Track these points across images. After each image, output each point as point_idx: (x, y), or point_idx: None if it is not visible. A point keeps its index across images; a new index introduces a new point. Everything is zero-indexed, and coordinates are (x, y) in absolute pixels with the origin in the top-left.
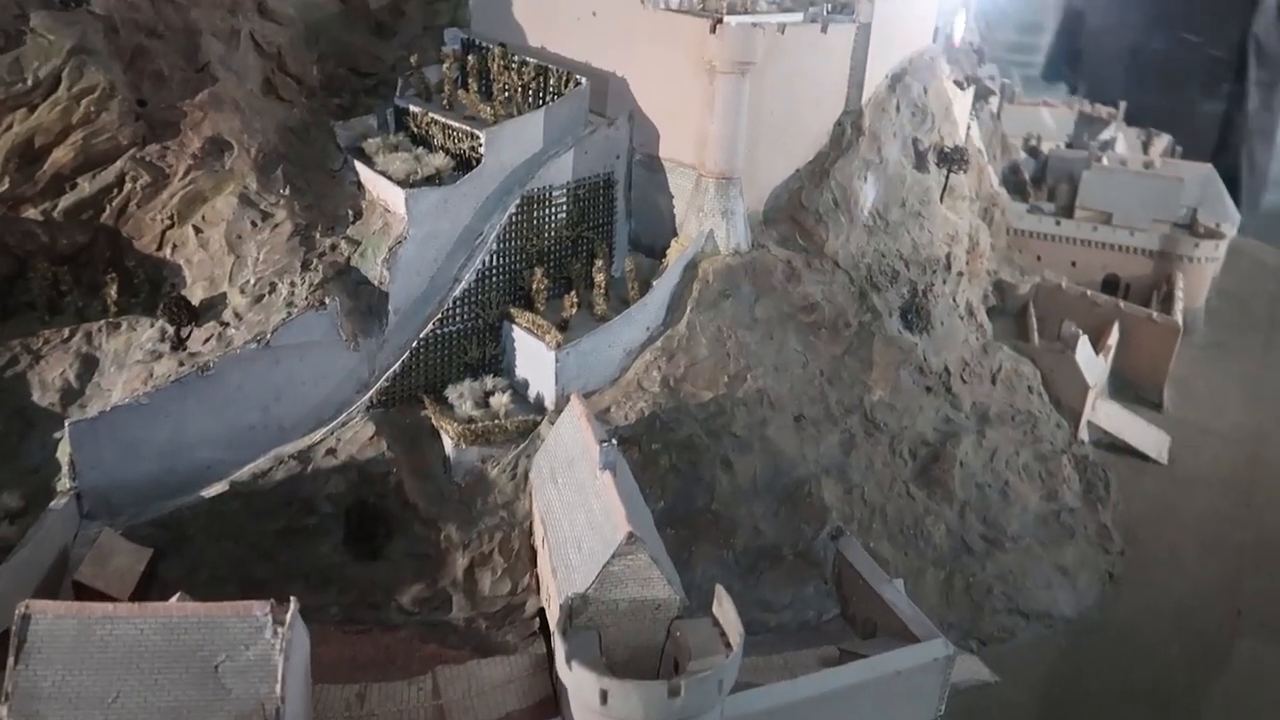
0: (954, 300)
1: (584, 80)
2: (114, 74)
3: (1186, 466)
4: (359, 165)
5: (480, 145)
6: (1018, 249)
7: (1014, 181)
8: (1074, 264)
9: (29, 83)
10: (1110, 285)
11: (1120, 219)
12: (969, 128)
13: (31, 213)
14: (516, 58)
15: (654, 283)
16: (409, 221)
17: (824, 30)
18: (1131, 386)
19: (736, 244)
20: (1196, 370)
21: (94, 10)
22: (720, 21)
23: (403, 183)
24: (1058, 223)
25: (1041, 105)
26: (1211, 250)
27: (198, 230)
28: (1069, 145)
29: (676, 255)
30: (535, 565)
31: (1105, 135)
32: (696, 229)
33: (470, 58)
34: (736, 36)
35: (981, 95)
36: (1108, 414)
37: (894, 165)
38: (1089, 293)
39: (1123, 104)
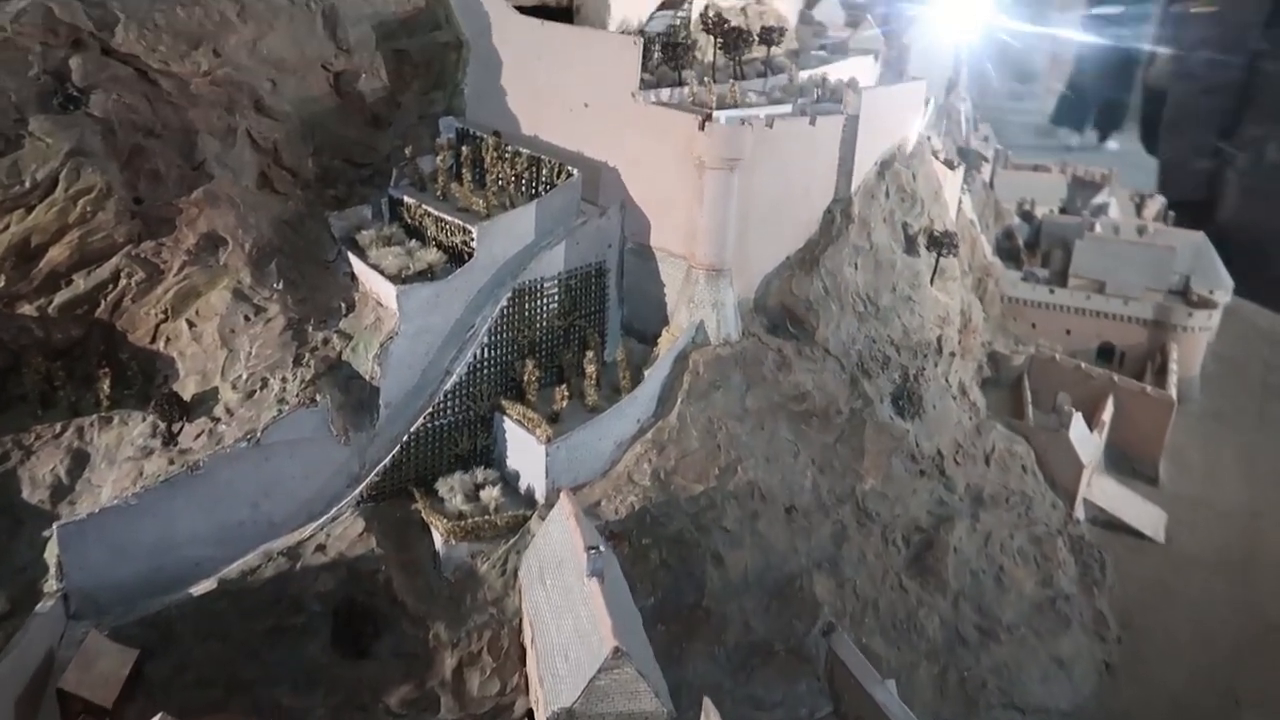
0: (946, 381)
1: (575, 171)
2: (111, 174)
3: (1183, 545)
4: (352, 257)
5: (472, 240)
6: (1012, 317)
7: (1008, 248)
8: (1069, 332)
9: (26, 185)
10: (1106, 353)
11: (1113, 288)
12: (960, 203)
13: (27, 309)
14: (510, 148)
15: (645, 372)
16: (401, 317)
17: (812, 123)
18: (1127, 460)
19: (727, 334)
20: (1193, 440)
21: (92, 113)
22: (709, 119)
23: (395, 278)
24: (1051, 291)
25: (1034, 170)
26: (1205, 320)
27: (191, 324)
28: (1063, 210)
29: (667, 346)
30: (524, 664)
31: (1098, 199)
32: (687, 320)
33: (464, 148)
34: (724, 134)
35: (973, 165)
36: (1103, 491)
37: (884, 250)
38: (1083, 365)
39: (1115, 170)
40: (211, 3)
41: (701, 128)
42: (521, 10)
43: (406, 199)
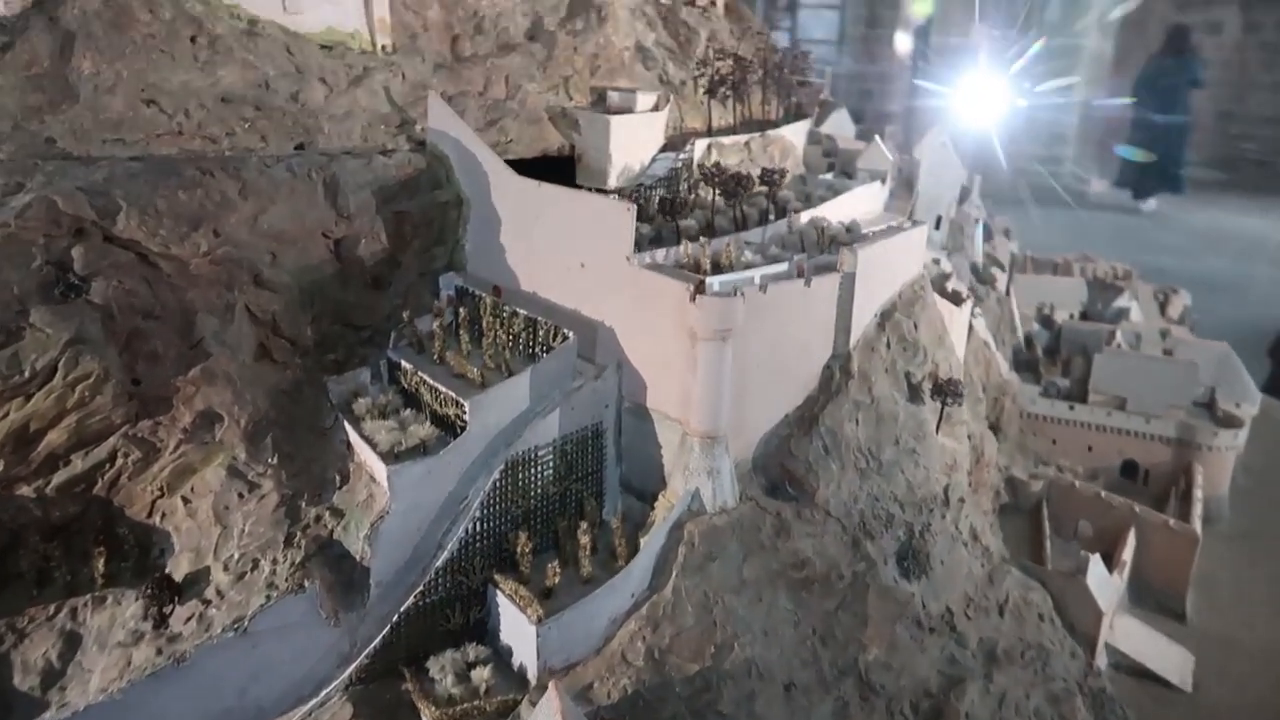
0: (956, 528)
1: (571, 335)
2: (109, 359)
3: (1211, 694)
4: (348, 426)
5: (465, 413)
6: (1032, 433)
7: (1026, 359)
8: (1090, 449)
9: (26, 374)
10: (1130, 470)
11: (1135, 405)
12: (971, 329)
13: (25, 490)
14: (507, 308)
15: (641, 540)
16: (391, 496)
17: (808, 284)
18: (1152, 594)
19: (723, 502)
20: (1223, 566)
21: (93, 300)
22: (700, 290)
23: (387, 454)
24: (1071, 408)
25: (1054, 271)
26: (1231, 439)
27: (186, 501)
28: (1083, 314)
29: (662, 515)
30: None
31: (1119, 303)
32: (682, 487)
33: (462, 310)
34: (716, 306)
35: (986, 282)
36: (1126, 634)
37: (886, 403)
38: (1103, 494)
39: (1134, 269)
40: (213, 183)
41: (692, 299)
42: (524, 162)
43: (404, 363)
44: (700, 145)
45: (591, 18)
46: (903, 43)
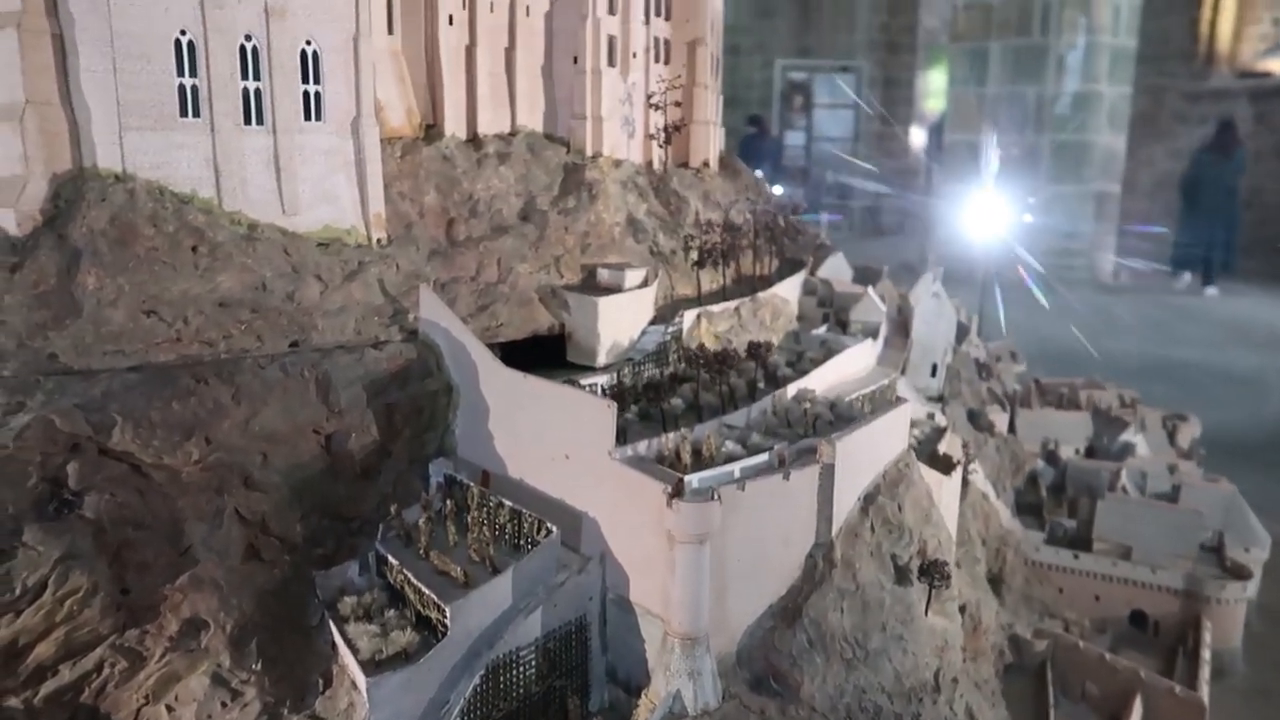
0: (951, 709)
1: (555, 530)
2: (99, 573)
3: None
4: (333, 626)
5: (446, 618)
6: (1038, 581)
7: (1030, 502)
8: (1098, 598)
9: (16, 592)
10: (1139, 619)
11: (1140, 554)
12: (968, 482)
13: (13, 701)
14: (493, 499)
15: None
16: (370, 708)
17: (786, 478)
18: None
19: (705, 703)
20: None
21: (85, 514)
22: (678, 491)
23: (368, 663)
24: (1076, 556)
25: (1059, 405)
26: (1240, 591)
27: (170, 709)
28: (1089, 449)
29: (644, 717)
30: None
31: (1125, 437)
32: (664, 688)
33: (449, 502)
34: (693, 512)
35: (984, 428)
36: None
37: (872, 589)
38: (1107, 656)
39: (1138, 399)
40: (206, 391)
41: (669, 504)
42: (514, 344)
43: (391, 558)
44: (689, 316)
45: (583, 195)
46: (917, 137)
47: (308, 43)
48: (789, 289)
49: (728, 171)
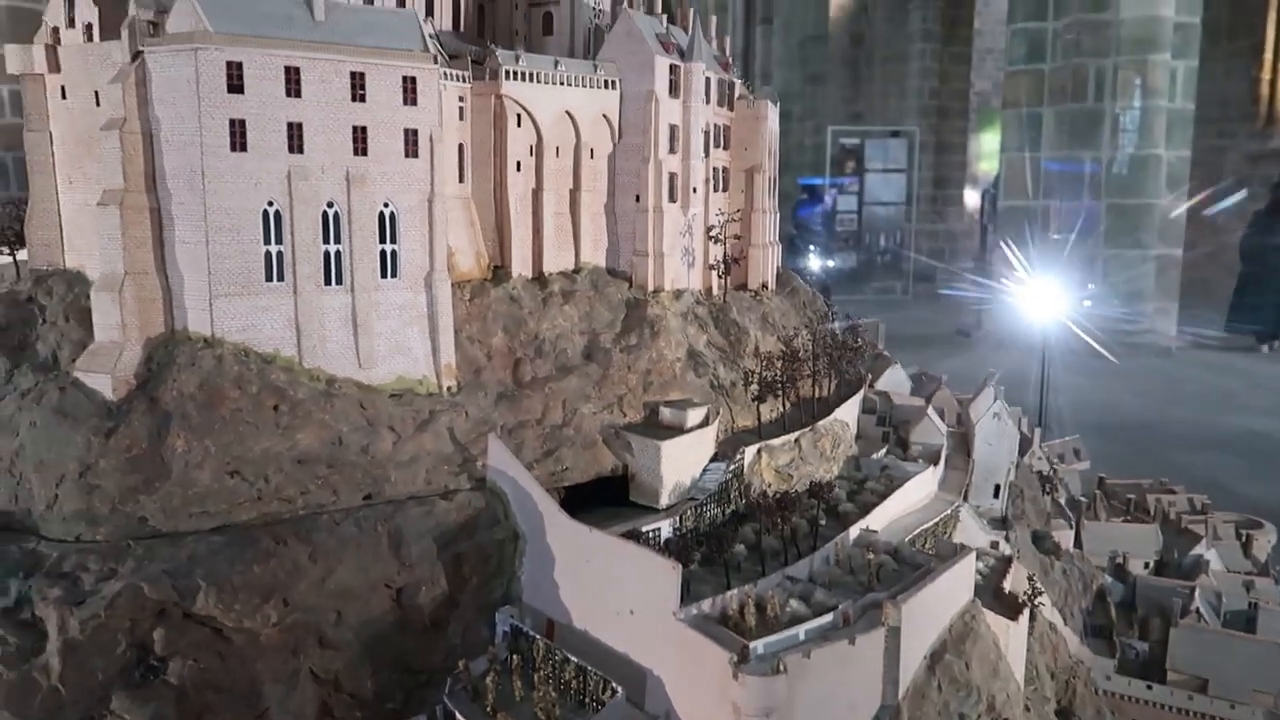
0: None
1: (620, 691)
2: None
3: None
4: None
5: None
6: (1110, 711)
7: (1098, 624)
8: None
9: None
10: None
11: (1217, 688)
12: (1035, 613)
13: None
14: (558, 653)
15: None
16: None
17: (852, 643)
18: None
19: None
20: None
21: (169, 679)
22: (744, 658)
23: None
24: (1149, 688)
25: (1127, 517)
26: None
27: None
28: (1159, 563)
29: None
30: None
31: (1197, 551)
32: None
33: (515, 656)
34: (758, 688)
35: (1050, 551)
36: None
37: None
38: None
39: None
40: (285, 552)
41: (734, 676)
42: (576, 489)
43: (458, 714)
44: (750, 452)
45: (645, 332)
46: (970, 199)
47: (385, 205)
48: (848, 411)
49: (785, 289)
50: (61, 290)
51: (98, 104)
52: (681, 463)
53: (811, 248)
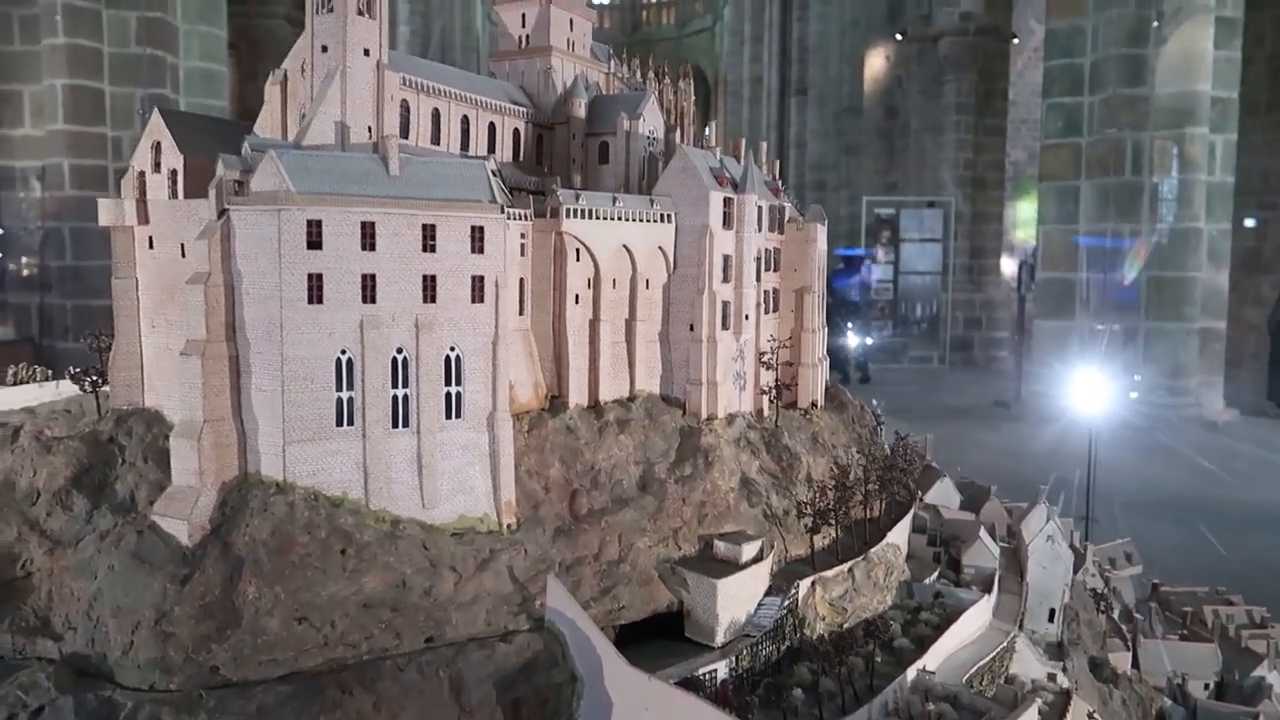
0: None
1: None
2: None
3: None
4: None
5: None
6: None
7: None
8: None
9: None
10: None
11: None
12: None
13: None
14: None
15: None
16: None
17: None
18: None
19: None
20: None
21: None
22: None
23: None
24: None
25: (1183, 634)
26: None
27: None
28: (1219, 684)
29: None
30: None
31: (1259, 673)
32: None
33: None
34: None
35: (1108, 680)
36: None
37: None
38: None
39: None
40: (350, 703)
41: None
42: (631, 626)
43: None
44: (804, 585)
45: (699, 462)
46: (1008, 267)
47: (451, 349)
48: (900, 533)
49: (834, 404)
50: (141, 430)
51: (183, 255)
52: (737, 599)
53: (850, 325)
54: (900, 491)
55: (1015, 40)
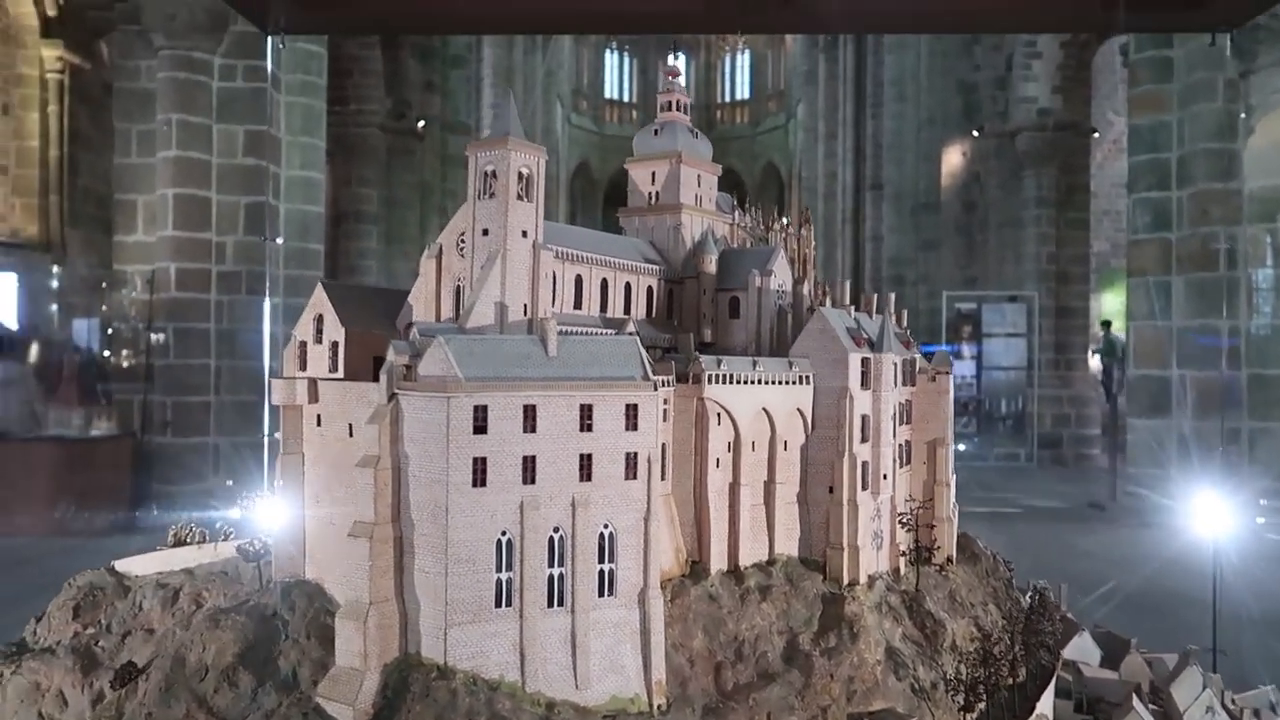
0: None
1: None
2: None
3: None
4: None
5: None
6: None
7: None
8: None
9: None
10: None
11: None
12: None
13: None
14: None
15: None
16: None
17: None
18: None
19: None
20: None
21: None
22: None
23: None
24: None
25: None
26: None
27: None
28: None
29: None
30: None
31: None
32: None
33: None
34: None
35: None
36: None
37: None
38: None
39: None
40: None
41: None
42: None
43: None
44: None
45: (844, 632)
46: (1095, 361)
47: (605, 526)
48: (1046, 702)
49: (966, 556)
50: (303, 604)
51: (350, 434)
52: None
53: None
54: (1045, 657)
55: (1095, 134)
